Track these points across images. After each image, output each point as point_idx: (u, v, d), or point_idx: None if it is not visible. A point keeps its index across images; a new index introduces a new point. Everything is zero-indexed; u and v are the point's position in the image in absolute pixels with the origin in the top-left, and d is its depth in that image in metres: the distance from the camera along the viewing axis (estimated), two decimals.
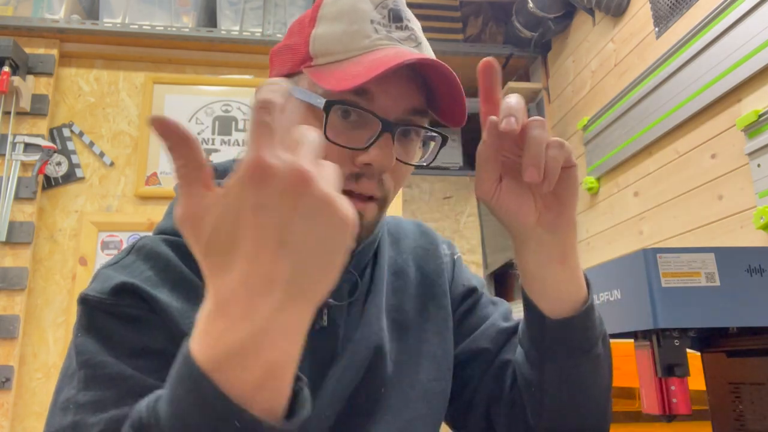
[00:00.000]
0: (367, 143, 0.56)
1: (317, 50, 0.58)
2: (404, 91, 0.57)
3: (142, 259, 0.58)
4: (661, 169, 1.76)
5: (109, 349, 0.52)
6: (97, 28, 2.29)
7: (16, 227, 2.08)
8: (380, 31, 0.57)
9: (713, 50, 1.52)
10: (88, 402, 0.49)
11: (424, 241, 0.76)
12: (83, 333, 0.54)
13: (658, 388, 0.75)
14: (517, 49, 2.58)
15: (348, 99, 0.56)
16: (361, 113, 0.56)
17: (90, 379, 0.50)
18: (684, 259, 0.75)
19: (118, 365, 0.51)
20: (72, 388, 0.51)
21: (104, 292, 0.54)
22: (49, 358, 2.06)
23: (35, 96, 2.22)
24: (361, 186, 0.57)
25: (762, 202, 1.35)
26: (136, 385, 0.49)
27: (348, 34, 0.57)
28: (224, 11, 2.43)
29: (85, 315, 0.54)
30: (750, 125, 1.38)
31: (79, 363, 0.52)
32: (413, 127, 0.59)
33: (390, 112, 0.56)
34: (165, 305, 0.54)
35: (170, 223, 0.63)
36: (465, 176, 2.87)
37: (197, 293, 0.56)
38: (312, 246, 0.33)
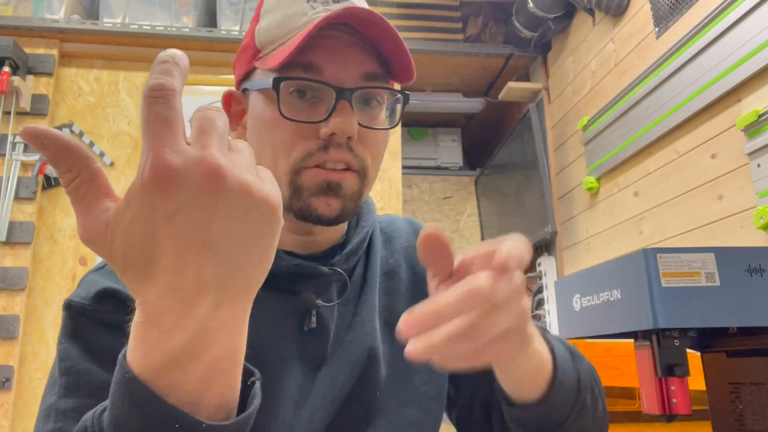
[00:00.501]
0: (325, 115, 0.56)
1: (262, 41, 0.60)
2: (353, 57, 0.57)
3: None
4: (661, 169, 1.76)
5: (92, 357, 0.52)
6: (97, 28, 2.29)
7: (16, 227, 2.08)
8: (317, 7, 0.58)
9: (713, 50, 1.51)
10: (69, 409, 0.49)
11: (417, 240, 0.76)
12: (67, 340, 0.54)
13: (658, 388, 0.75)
14: (517, 49, 2.58)
15: (296, 74, 0.56)
16: (316, 88, 0.56)
17: (72, 387, 0.50)
18: (684, 259, 0.75)
19: (101, 373, 0.50)
20: (53, 395, 0.51)
21: (87, 298, 0.54)
22: (49, 358, 2.06)
23: (35, 96, 2.22)
24: (330, 155, 0.56)
25: (762, 202, 1.35)
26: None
27: (287, 18, 0.58)
28: (224, 11, 2.43)
29: (69, 321, 0.55)
30: (750, 125, 1.38)
31: (62, 370, 0.52)
32: (367, 89, 0.58)
33: (344, 80, 0.56)
34: None
35: None
36: (465, 176, 2.87)
37: None
38: (238, 240, 0.30)
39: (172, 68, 0.30)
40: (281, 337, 0.59)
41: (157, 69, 0.30)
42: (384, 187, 2.36)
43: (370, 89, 0.58)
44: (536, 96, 2.61)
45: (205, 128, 0.31)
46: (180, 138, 0.29)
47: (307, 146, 0.57)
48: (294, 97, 0.57)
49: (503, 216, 2.65)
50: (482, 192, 2.85)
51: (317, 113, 0.56)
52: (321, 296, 0.61)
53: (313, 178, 0.57)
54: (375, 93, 0.59)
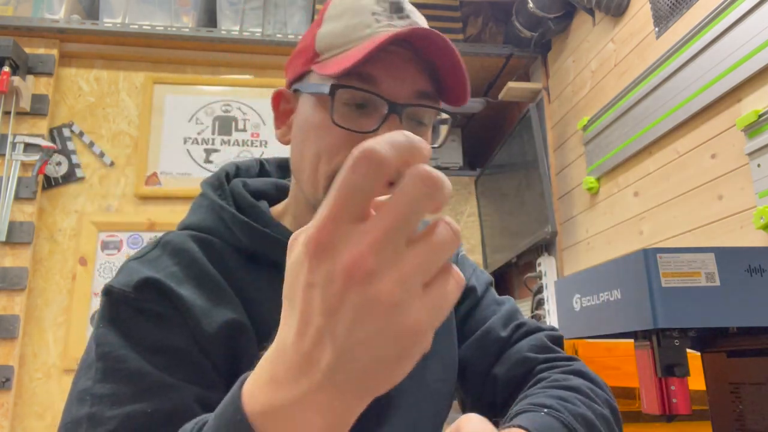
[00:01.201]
0: (375, 126, 0.57)
1: (322, 47, 0.60)
2: (410, 75, 0.58)
3: (168, 254, 0.59)
4: (661, 169, 1.76)
5: (129, 344, 0.52)
6: (97, 28, 2.29)
7: (16, 227, 2.08)
8: (381, 20, 0.58)
9: (713, 50, 1.51)
10: (105, 395, 0.49)
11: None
12: (105, 324, 0.54)
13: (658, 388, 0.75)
14: (517, 49, 2.57)
15: (353, 84, 0.57)
16: (370, 99, 0.57)
17: (108, 372, 0.51)
18: (684, 259, 0.75)
19: (138, 361, 0.51)
20: (89, 379, 0.51)
21: (129, 286, 0.54)
22: (49, 358, 2.06)
23: (35, 96, 2.22)
24: None
25: (762, 202, 1.35)
26: (155, 382, 0.50)
27: (350, 27, 0.59)
28: (224, 11, 2.43)
29: (109, 307, 0.55)
30: (750, 125, 1.38)
31: (98, 354, 0.52)
32: (419, 107, 0.59)
33: (397, 95, 0.57)
34: (188, 303, 0.54)
35: (196, 219, 0.64)
36: (465, 176, 2.87)
37: (222, 292, 0.57)
38: (363, 343, 0.28)
39: (405, 143, 0.27)
40: None
41: (383, 139, 0.27)
42: None
43: (421, 107, 0.59)
44: (536, 96, 2.61)
45: (388, 222, 0.26)
46: (354, 217, 0.27)
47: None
48: (346, 105, 0.58)
49: (503, 216, 2.65)
50: (482, 192, 2.85)
51: (367, 123, 0.58)
52: None
53: None
54: (425, 111, 0.60)
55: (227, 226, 0.62)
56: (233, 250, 0.61)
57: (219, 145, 2.36)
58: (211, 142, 2.36)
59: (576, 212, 2.28)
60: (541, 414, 0.55)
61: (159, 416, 0.48)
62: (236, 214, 0.61)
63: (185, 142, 2.34)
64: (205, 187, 0.67)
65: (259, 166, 0.74)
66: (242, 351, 0.55)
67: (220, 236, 0.61)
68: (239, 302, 0.57)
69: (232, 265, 0.60)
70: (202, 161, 2.33)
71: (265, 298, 0.59)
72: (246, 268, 0.60)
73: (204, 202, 0.65)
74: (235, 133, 2.39)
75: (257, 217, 0.62)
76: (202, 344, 0.53)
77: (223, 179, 0.67)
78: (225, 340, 0.55)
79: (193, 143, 2.34)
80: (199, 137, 2.36)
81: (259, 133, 2.41)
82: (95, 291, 2.14)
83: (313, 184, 0.60)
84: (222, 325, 0.54)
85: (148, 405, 0.48)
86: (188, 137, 2.35)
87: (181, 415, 0.48)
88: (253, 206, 0.63)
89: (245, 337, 0.56)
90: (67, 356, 2.05)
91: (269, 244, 0.60)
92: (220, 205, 0.63)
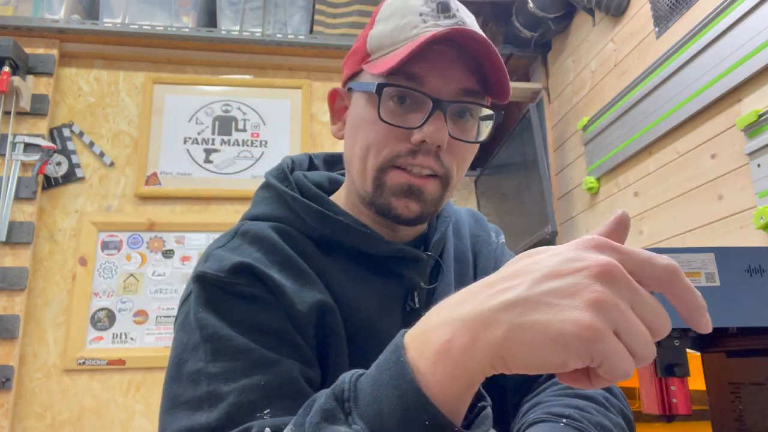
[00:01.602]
0: (420, 122, 0.59)
1: (373, 47, 0.64)
2: (454, 72, 0.60)
3: (249, 242, 0.61)
4: (661, 169, 1.76)
5: (229, 324, 0.54)
6: (97, 28, 2.29)
7: (16, 227, 2.08)
8: (428, 21, 0.61)
9: (713, 50, 1.51)
10: (218, 372, 0.52)
11: (478, 228, 0.80)
12: (203, 309, 0.56)
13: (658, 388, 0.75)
14: (517, 49, 2.57)
15: (399, 82, 0.60)
16: (415, 96, 0.60)
17: (217, 352, 0.53)
18: (684, 259, 0.75)
19: (241, 338, 0.53)
20: (199, 360, 0.53)
21: (222, 271, 0.57)
22: (49, 358, 2.06)
23: (35, 96, 2.22)
24: (417, 160, 0.60)
25: (762, 202, 1.35)
26: (261, 357, 0.52)
27: (398, 28, 0.61)
28: (224, 11, 2.43)
29: (204, 292, 0.57)
30: (750, 125, 1.38)
31: (203, 337, 0.54)
32: (463, 103, 0.61)
33: (442, 92, 0.60)
34: (280, 284, 0.57)
35: (265, 210, 0.66)
36: (465, 176, 2.87)
37: (306, 274, 0.60)
38: (544, 304, 0.32)
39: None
40: (389, 316, 0.64)
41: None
42: None
43: (465, 103, 0.61)
44: (536, 96, 2.60)
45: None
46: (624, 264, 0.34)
47: (398, 148, 0.61)
48: (394, 102, 0.61)
49: (503, 216, 2.65)
50: (482, 192, 2.85)
51: (413, 120, 0.60)
52: (423, 278, 0.67)
53: (396, 179, 0.61)
54: (469, 107, 0.62)
55: (298, 215, 0.65)
56: (306, 238, 0.64)
57: (219, 145, 2.36)
58: (211, 142, 2.36)
59: (576, 212, 2.28)
60: (560, 426, 0.55)
61: (272, 387, 0.51)
62: (309, 203, 0.64)
63: (185, 142, 2.34)
64: (270, 179, 0.69)
65: (308, 159, 0.77)
66: (330, 330, 0.59)
67: (292, 225, 0.64)
68: (322, 284, 0.60)
69: (309, 251, 0.63)
70: (202, 161, 2.33)
71: (342, 281, 0.62)
72: (320, 254, 0.63)
73: (269, 194, 0.69)
74: (235, 133, 2.39)
75: (326, 205, 0.65)
76: (296, 323, 0.56)
77: (287, 171, 0.70)
78: (316, 319, 0.58)
79: (193, 143, 2.34)
80: (199, 137, 2.36)
81: (259, 133, 2.41)
82: (95, 291, 2.14)
83: (362, 176, 0.64)
84: (312, 305, 0.57)
85: (260, 378, 0.51)
86: (188, 137, 2.35)
87: (290, 387, 0.52)
88: (319, 196, 0.66)
89: (333, 317, 0.59)
90: (67, 356, 2.05)
91: (341, 230, 0.63)
92: (291, 195, 0.65)
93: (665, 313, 0.34)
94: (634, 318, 0.32)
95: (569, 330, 0.30)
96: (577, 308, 0.31)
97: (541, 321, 0.31)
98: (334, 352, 0.58)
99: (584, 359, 0.31)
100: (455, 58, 0.60)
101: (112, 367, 2.06)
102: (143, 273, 2.19)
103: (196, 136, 2.35)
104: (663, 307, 0.34)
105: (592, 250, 0.34)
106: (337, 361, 0.58)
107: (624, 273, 0.32)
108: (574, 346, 0.30)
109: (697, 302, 0.34)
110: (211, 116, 2.39)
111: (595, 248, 0.34)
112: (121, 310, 2.14)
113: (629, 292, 0.32)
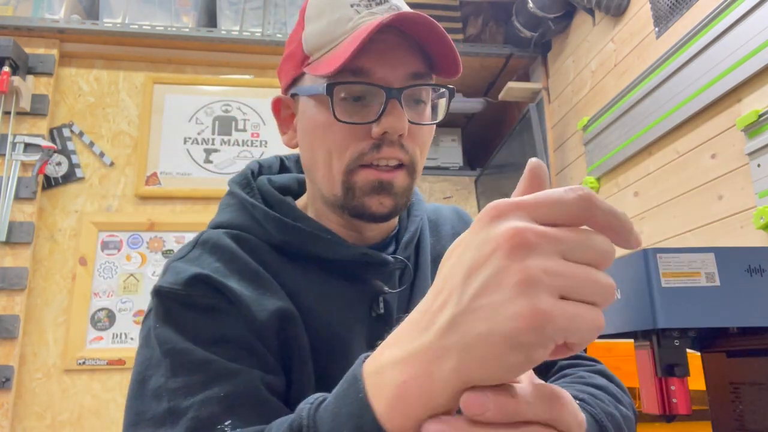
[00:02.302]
0: (377, 115, 0.58)
1: (310, 48, 0.62)
2: (400, 58, 0.59)
3: (208, 252, 0.60)
4: (661, 169, 1.76)
5: (187, 338, 0.54)
6: (97, 28, 2.29)
7: (16, 227, 2.08)
8: (361, 11, 0.59)
9: (713, 50, 1.51)
10: (178, 388, 0.51)
11: (462, 227, 0.78)
12: (161, 324, 0.55)
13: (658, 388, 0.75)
14: (517, 49, 2.57)
15: (347, 79, 0.58)
16: (367, 90, 0.59)
17: (176, 367, 0.52)
18: (684, 259, 0.75)
19: (200, 351, 0.52)
20: (161, 376, 0.53)
21: (178, 283, 0.56)
22: (49, 358, 2.06)
23: (35, 96, 2.22)
24: (382, 153, 0.59)
25: (762, 202, 1.35)
26: (221, 368, 0.52)
27: (332, 24, 0.60)
28: (224, 11, 2.43)
29: (162, 306, 0.56)
30: (750, 125, 1.38)
31: (163, 352, 0.53)
32: (415, 87, 0.60)
33: (392, 80, 0.59)
34: (238, 293, 0.56)
35: (227, 218, 0.65)
36: (465, 176, 2.87)
37: (266, 282, 0.59)
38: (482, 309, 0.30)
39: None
40: (352, 322, 0.62)
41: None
42: None
43: (417, 87, 0.60)
44: (536, 96, 2.60)
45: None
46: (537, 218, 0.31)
47: (361, 146, 0.60)
48: (346, 101, 0.59)
49: None
50: (482, 192, 2.85)
51: (369, 114, 0.59)
52: (386, 284, 0.65)
53: (365, 177, 0.60)
54: (421, 91, 0.62)
55: (259, 222, 0.64)
56: (267, 246, 0.63)
57: (219, 145, 2.36)
58: (211, 142, 2.36)
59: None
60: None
61: (233, 397, 0.50)
62: (268, 211, 0.63)
63: (185, 142, 2.34)
64: (233, 186, 0.68)
65: (279, 162, 0.76)
66: (293, 338, 0.58)
67: (252, 233, 0.63)
68: (283, 292, 0.59)
69: (269, 259, 0.62)
70: (202, 161, 2.33)
71: (304, 289, 0.61)
72: (281, 262, 0.62)
73: (233, 201, 0.67)
74: (235, 133, 2.39)
75: (287, 212, 0.64)
76: (256, 332, 0.55)
77: (250, 177, 0.68)
78: (276, 327, 0.57)
79: (193, 143, 2.34)
80: (199, 137, 2.36)
81: (259, 133, 2.40)
82: (95, 291, 2.14)
83: (329, 181, 0.62)
84: (273, 313, 0.56)
85: (220, 389, 0.50)
86: (188, 137, 2.35)
87: (252, 396, 0.51)
88: (282, 202, 0.65)
89: (294, 324, 0.58)
90: (67, 356, 2.05)
91: (302, 237, 0.62)
92: (251, 202, 0.64)
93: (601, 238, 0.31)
94: (571, 268, 0.29)
95: (515, 327, 0.28)
96: (511, 299, 0.28)
97: (484, 331, 0.29)
98: (297, 360, 0.57)
99: (547, 344, 0.29)
100: (397, 44, 0.59)
101: (112, 367, 2.06)
102: (143, 273, 2.19)
103: (196, 136, 2.35)
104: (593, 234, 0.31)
105: (495, 222, 0.31)
106: (301, 369, 0.57)
107: (537, 231, 0.29)
108: (529, 339, 0.28)
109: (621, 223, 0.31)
110: (211, 116, 2.39)
111: (497, 218, 0.31)
112: (121, 310, 2.14)
113: (552, 246, 0.29)
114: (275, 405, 0.52)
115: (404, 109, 0.59)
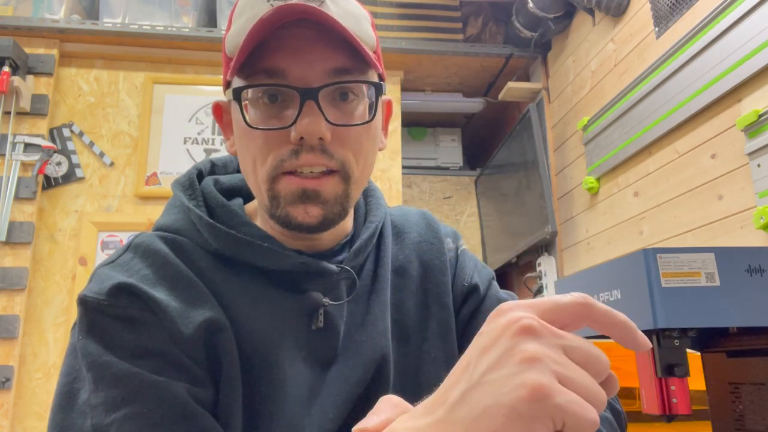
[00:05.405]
0: (293, 119, 0.54)
1: (230, 49, 0.57)
2: (318, 54, 0.54)
3: (140, 257, 0.57)
4: (661, 169, 1.76)
5: (110, 350, 0.51)
6: (97, 28, 2.29)
7: (16, 227, 2.08)
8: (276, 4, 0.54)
9: (713, 50, 1.51)
10: (100, 403, 0.49)
11: (430, 234, 0.72)
12: (84, 335, 0.53)
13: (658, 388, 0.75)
14: (517, 49, 2.57)
15: (260, 81, 0.54)
16: (283, 92, 0.55)
17: (98, 380, 0.50)
18: (684, 259, 0.75)
19: (122, 364, 0.50)
20: (86, 391, 0.51)
21: (101, 293, 0.53)
22: (49, 358, 2.06)
23: (35, 96, 2.21)
24: (301, 160, 0.54)
25: (762, 202, 1.35)
26: (144, 381, 0.49)
27: (249, 21, 0.54)
28: (224, 11, 2.43)
29: (85, 317, 0.54)
30: (750, 125, 1.38)
31: (86, 366, 0.52)
32: (334, 85, 0.55)
33: (309, 79, 0.54)
34: (163, 305, 0.53)
35: (168, 220, 0.62)
36: (465, 176, 2.87)
37: (197, 291, 0.56)
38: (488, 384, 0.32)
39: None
40: (289, 335, 0.58)
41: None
42: (384, 187, 2.36)
43: (336, 84, 0.55)
44: (536, 96, 2.60)
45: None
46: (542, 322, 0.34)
47: (280, 153, 0.55)
48: (264, 104, 0.55)
49: (503, 216, 2.65)
50: (482, 192, 2.85)
51: (287, 118, 0.55)
52: (329, 294, 0.60)
53: (287, 186, 0.56)
54: (348, 87, 0.56)
55: (196, 227, 0.60)
56: (204, 252, 0.59)
57: (219, 145, 2.36)
58: (211, 142, 2.36)
59: (576, 212, 2.28)
60: None
61: (157, 413, 0.48)
62: (202, 216, 0.59)
63: (185, 142, 2.34)
64: (175, 187, 0.64)
65: (237, 160, 0.70)
66: (222, 350, 0.55)
67: (190, 237, 0.60)
68: (215, 301, 0.56)
69: (204, 265, 0.58)
70: None
71: (238, 298, 0.57)
72: (217, 269, 0.58)
73: (175, 203, 0.64)
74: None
75: (228, 217, 0.60)
76: (181, 343, 0.52)
77: (194, 178, 0.64)
78: (204, 338, 0.54)
79: (193, 143, 2.34)
80: (199, 137, 2.36)
81: None
82: None
83: (258, 191, 0.59)
84: (199, 325, 0.53)
85: (141, 405, 0.48)
86: (188, 137, 2.35)
87: (178, 409, 0.49)
88: (224, 206, 0.61)
89: (224, 336, 0.55)
90: None
91: (237, 245, 0.58)
92: (188, 206, 0.61)
93: (598, 350, 0.34)
94: (572, 364, 0.32)
95: (517, 396, 0.30)
96: (516, 373, 0.31)
97: (490, 403, 0.31)
98: (226, 371, 0.54)
99: (545, 422, 0.30)
100: (315, 38, 0.54)
101: None
102: None
103: (196, 136, 2.35)
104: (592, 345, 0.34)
105: (505, 313, 0.34)
106: (230, 381, 0.54)
107: (542, 323, 0.33)
108: (530, 411, 0.30)
109: (620, 321, 0.35)
110: (211, 116, 2.39)
111: (507, 310, 0.34)
112: None
113: (554, 338, 0.32)
114: (203, 418, 0.50)
115: (327, 109, 0.54)
